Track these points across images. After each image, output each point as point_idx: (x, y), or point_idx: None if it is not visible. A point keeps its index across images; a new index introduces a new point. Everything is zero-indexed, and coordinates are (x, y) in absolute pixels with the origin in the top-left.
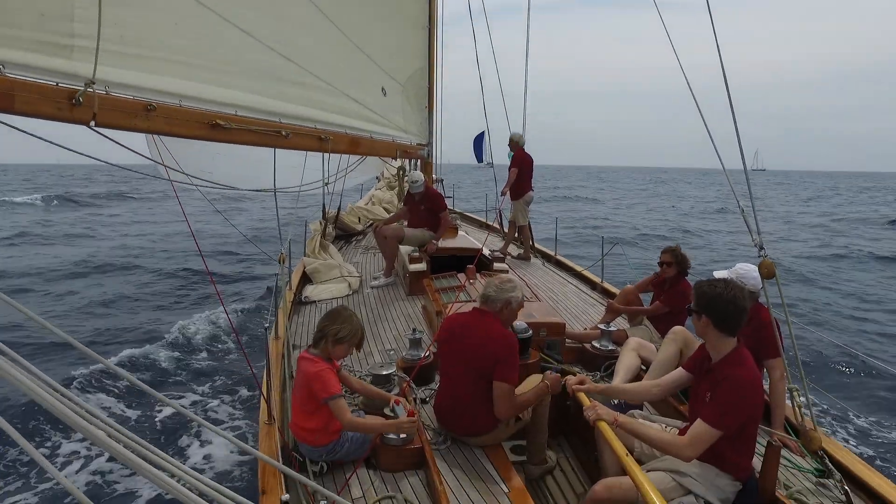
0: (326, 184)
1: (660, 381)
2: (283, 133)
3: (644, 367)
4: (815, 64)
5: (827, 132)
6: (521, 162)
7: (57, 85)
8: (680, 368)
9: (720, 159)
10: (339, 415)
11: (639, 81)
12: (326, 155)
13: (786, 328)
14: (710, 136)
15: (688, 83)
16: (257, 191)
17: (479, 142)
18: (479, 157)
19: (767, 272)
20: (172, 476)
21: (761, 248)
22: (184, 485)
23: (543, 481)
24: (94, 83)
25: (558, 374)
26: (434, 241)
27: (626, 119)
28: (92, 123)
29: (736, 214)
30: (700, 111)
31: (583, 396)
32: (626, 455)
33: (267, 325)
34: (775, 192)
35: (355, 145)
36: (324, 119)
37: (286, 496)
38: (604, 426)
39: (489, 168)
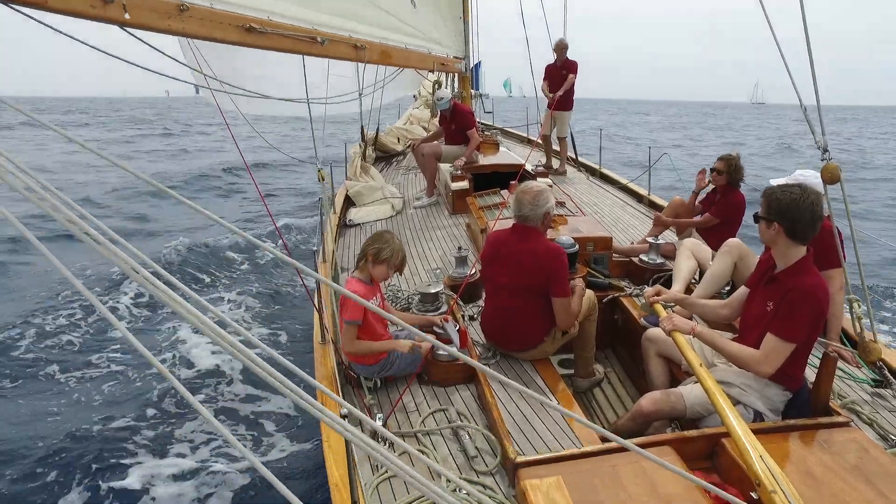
0: (362, 95)
1: (728, 301)
2: (319, 39)
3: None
4: None
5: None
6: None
7: None
8: (744, 287)
9: (795, 87)
10: (345, 339)
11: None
12: (361, 66)
13: (849, 236)
14: (786, 65)
15: None
16: (290, 100)
17: (476, 73)
18: (476, 87)
19: (831, 177)
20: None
21: (825, 149)
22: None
23: (591, 393)
24: None
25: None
26: (462, 158)
27: (628, 46)
28: (126, 21)
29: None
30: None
31: (659, 307)
32: (700, 365)
33: (315, 247)
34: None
35: (389, 56)
36: (356, 30)
37: (345, 410)
38: (679, 336)
39: (521, 98)
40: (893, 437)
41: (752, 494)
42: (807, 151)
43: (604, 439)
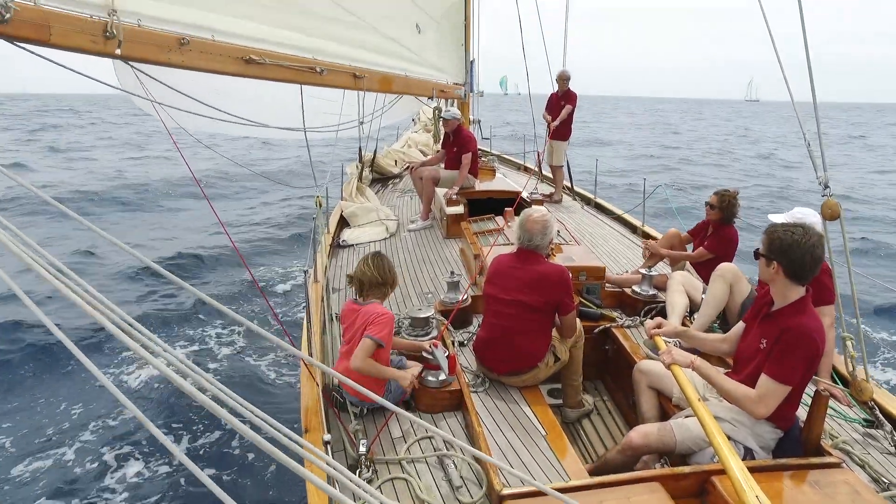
0: (362, 123)
1: (727, 336)
2: (318, 70)
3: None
4: None
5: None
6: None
7: (91, 17)
8: (741, 323)
9: (789, 92)
10: (360, 353)
11: None
12: (361, 93)
13: (844, 274)
14: (779, 61)
15: None
16: (287, 129)
17: (470, 72)
18: (471, 87)
19: (831, 213)
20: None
21: (826, 185)
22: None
23: (580, 424)
24: (121, 14)
25: None
26: (455, 186)
27: (607, 43)
28: (127, 56)
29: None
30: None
31: (659, 340)
32: (698, 400)
33: (306, 268)
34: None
35: (389, 83)
36: (356, 57)
37: (328, 436)
38: (677, 370)
39: (516, 96)
40: (885, 481)
41: None
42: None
43: (592, 473)
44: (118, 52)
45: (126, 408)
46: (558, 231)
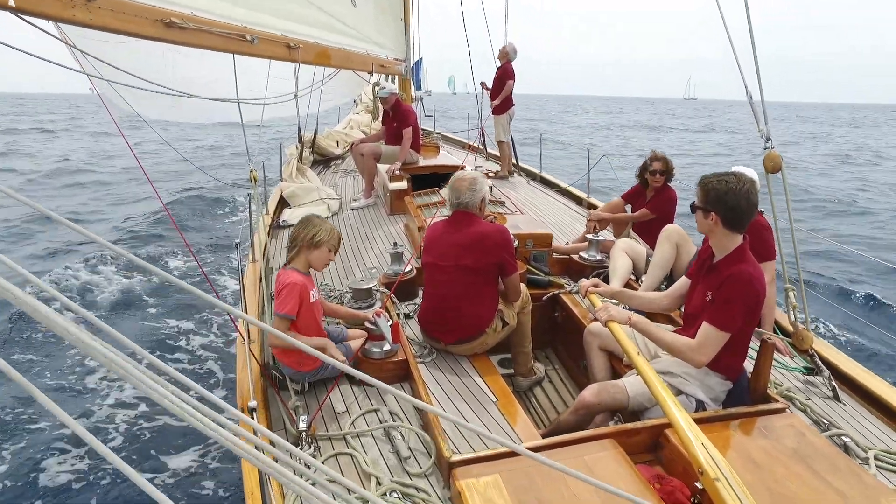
0: (297, 96)
1: (668, 292)
2: (249, 38)
3: (633, 273)
4: None
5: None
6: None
7: None
8: (684, 277)
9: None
10: (273, 330)
11: None
12: (297, 66)
13: (786, 227)
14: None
15: None
16: (218, 99)
17: (416, 70)
18: (418, 86)
19: (773, 166)
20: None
21: (768, 139)
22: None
23: (532, 392)
24: None
25: None
26: (397, 161)
27: (545, 41)
28: (20, 8)
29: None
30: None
31: (594, 298)
32: (637, 354)
33: (238, 240)
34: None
35: (327, 57)
36: (291, 29)
37: (253, 402)
38: (615, 327)
39: (465, 95)
40: (825, 422)
41: (697, 485)
42: None
43: (546, 437)
44: (11, 3)
45: (25, 389)
46: (503, 203)
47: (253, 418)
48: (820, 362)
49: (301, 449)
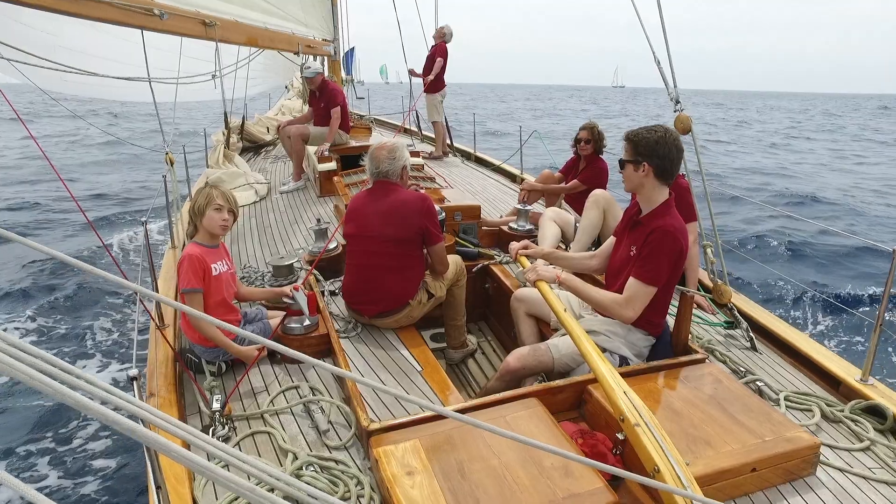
0: (216, 76)
1: (597, 252)
2: (157, 12)
3: (563, 241)
4: None
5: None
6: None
7: None
8: (612, 237)
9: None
10: (190, 312)
11: None
12: (215, 44)
13: (700, 186)
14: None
15: None
16: (128, 79)
17: (349, 58)
18: (349, 71)
19: (684, 126)
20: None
21: (677, 101)
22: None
23: (465, 365)
24: None
25: None
26: (326, 142)
27: (470, 30)
28: None
29: None
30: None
31: (524, 259)
32: (564, 310)
33: (143, 218)
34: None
35: (247, 35)
36: (207, 5)
37: (134, 371)
38: (543, 285)
39: (398, 85)
40: (742, 370)
41: (619, 435)
42: None
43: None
44: None
45: None
46: (434, 179)
47: (133, 388)
48: (738, 315)
49: (214, 429)
